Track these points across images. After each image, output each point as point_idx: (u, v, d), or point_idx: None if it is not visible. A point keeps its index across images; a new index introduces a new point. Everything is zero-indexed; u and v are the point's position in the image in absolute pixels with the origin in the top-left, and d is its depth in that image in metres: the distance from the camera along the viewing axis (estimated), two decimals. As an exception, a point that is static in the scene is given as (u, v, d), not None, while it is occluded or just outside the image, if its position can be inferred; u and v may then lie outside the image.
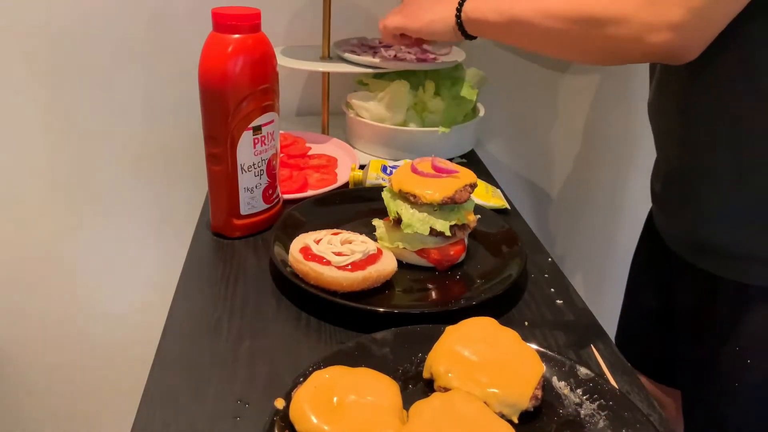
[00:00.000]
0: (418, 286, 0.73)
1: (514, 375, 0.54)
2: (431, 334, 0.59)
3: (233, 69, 0.73)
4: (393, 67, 1.03)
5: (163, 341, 0.64)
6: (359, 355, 0.58)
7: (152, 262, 1.37)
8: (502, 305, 0.70)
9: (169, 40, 1.17)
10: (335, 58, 1.08)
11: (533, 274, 0.77)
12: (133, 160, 1.27)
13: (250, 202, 0.81)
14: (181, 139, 1.24)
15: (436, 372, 0.55)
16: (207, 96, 0.75)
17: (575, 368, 0.58)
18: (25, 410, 1.50)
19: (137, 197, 1.30)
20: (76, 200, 1.29)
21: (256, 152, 0.78)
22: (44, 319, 1.40)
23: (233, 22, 0.72)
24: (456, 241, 0.75)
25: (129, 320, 1.42)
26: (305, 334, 0.65)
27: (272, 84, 0.77)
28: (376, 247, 0.72)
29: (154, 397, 0.56)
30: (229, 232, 0.82)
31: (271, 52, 0.77)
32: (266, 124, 0.78)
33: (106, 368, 1.47)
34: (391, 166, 0.95)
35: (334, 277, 0.67)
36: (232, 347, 0.62)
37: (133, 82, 1.20)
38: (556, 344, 0.65)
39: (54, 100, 1.19)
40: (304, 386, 0.51)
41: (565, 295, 0.74)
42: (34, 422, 1.52)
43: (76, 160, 1.25)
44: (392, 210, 0.75)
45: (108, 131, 1.24)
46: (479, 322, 0.59)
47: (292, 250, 0.71)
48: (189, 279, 0.75)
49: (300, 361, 0.60)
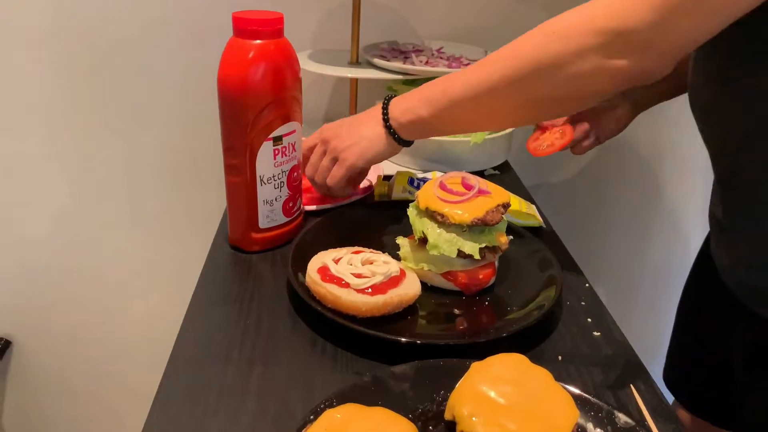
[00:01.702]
0: (443, 312, 0.68)
1: (545, 422, 0.49)
2: (455, 370, 0.54)
3: (253, 76, 0.69)
4: (424, 73, 0.99)
5: (171, 363, 0.60)
6: (376, 391, 0.53)
7: (171, 269, 1.36)
8: (535, 336, 0.65)
9: (197, 44, 1.15)
10: (364, 63, 1.04)
11: (568, 301, 0.72)
12: (158, 166, 1.25)
13: (269, 215, 0.77)
14: (205, 146, 1.22)
15: (459, 414, 0.50)
16: (226, 104, 0.71)
17: (613, 414, 0.53)
18: (43, 408, 1.50)
19: (160, 202, 1.29)
20: (100, 203, 1.28)
21: (277, 163, 0.74)
22: (64, 319, 1.40)
23: (254, 27, 0.68)
24: (485, 264, 0.70)
25: (145, 324, 1.41)
26: (320, 361, 0.61)
27: (294, 92, 0.73)
28: (399, 268, 0.68)
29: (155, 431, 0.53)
30: (247, 246, 0.78)
31: (294, 59, 0.73)
32: (287, 134, 0.74)
33: (123, 372, 1.47)
34: (418, 178, 0.90)
35: (352, 302, 0.62)
36: (243, 374, 0.59)
37: (162, 86, 1.18)
38: (592, 383, 0.60)
39: (80, 102, 1.18)
40: (314, 427, 0.47)
41: (603, 326, 0.68)
42: (51, 421, 1.52)
43: (99, 163, 1.24)
44: (418, 229, 0.70)
45: (134, 135, 1.22)
46: (508, 360, 0.54)
47: (310, 270, 0.66)
48: (203, 294, 0.71)
49: (313, 393, 0.56)
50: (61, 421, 1.52)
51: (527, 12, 1.20)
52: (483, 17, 1.19)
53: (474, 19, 1.19)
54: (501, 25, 1.20)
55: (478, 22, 1.19)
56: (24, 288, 1.35)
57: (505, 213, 0.69)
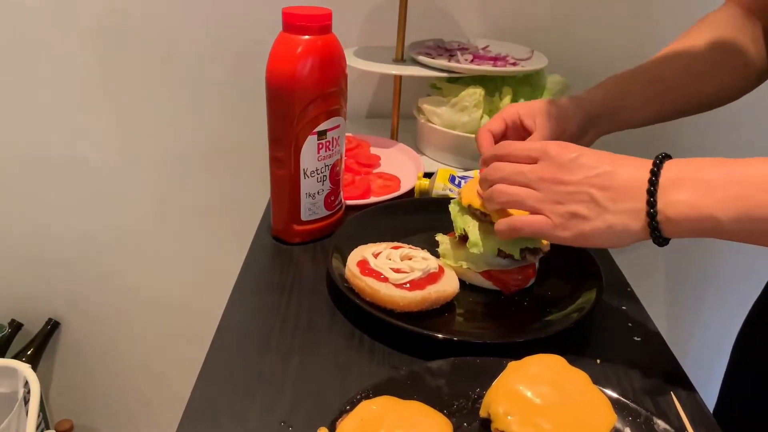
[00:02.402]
0: (480, 311, 0.68)
1: (582, 424, 0.49)
2: (492, 368, 0.55)
3: (301, 71, 0.70)
4: (468, 71, 0.98)
5: (213, 348, 0.62)
6: (412, 385, 0.54)
7: (215, 258, 1.39)
8: (573, 338, 0.64)
9: (246, 39, 1.17)
10: (409, 61, 1.04)
11: (609, 304, 0.71)
12: (205, 158, 1.28)
13: (311, 208, 0.78)
14: (251, 139, 1.24)
15: (495, 412, 0.50)
16: (273, 97, 0.73)
17: (652, 420, 0.52)
18: (90, 387, 1.56)
19: (206, 193, 1.32)
20: (147, 194, 1.32)
21: (320, 157, 0.75)
22: (112, 303, 1.45)
23: (303, 23, 0.69)
24: (525, 265, 0.70)
25: (188, 311, 1.45)
26: (357, 353, 0.62)
27: (340, 87, 0.74)
28: (437, 265, 0.68)
29: (196, 410, 0.54)
30: (289, 238, 0.80)
31: (341, 55, 0.74)
32: (332, 129, 0.75)
33: (167, 355, 1.51)
34: (460, 176, 0.90)
35: (390, 296, 0.63)
36: (281, 362, 0.60)
37: (211, 79, 1.21)
38: (631, 389, 0.59)
39: (129, 94, 1.22)
40: (350, 417, 0.48)
41: (644, 332, 0.67)
42: (98, 400, 1.58)
43: (146, 149, 1.27)
44: (458, 226, 0.70)
45: (181, 125, 1.25)
46: (546, 360, 0.53)
47: (349, 263, 0.67)
48: (245, 282, 0.73)
49: (349, 384, 0.57)
50: (106, 400, 1.58)
51: (573, 11, 1.18)
52: (529, 16, 1.18)
53: (520, 18, 1.18)
54: (547, 24, 1.18)
55: (525, 21, 1.18)
56: (72, 272, 1.40)
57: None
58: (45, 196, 1.31)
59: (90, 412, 1.59)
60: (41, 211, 1.33)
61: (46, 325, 1.44)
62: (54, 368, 1.52)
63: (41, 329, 1.44)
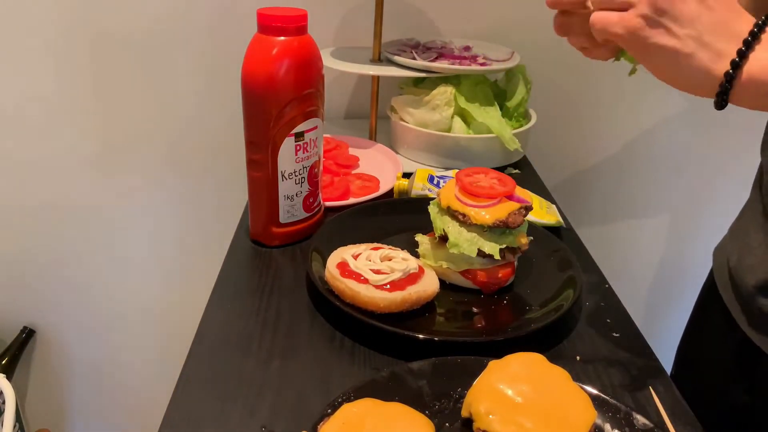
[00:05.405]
0: (461, 310, 0.68)
1: (562, 421, 0.49)
2: (473, 367, 0.55)
3: (277, 72, 0.69)
4: (446, 71, 0.99)
5: (192, 353, 0.61)
6: (393, 387, 0.54)
7: (192, 262, 1.37)
8: (553, 336, 0.65)
9: (220, 40, 1.16)
10: (386, 61, 1.04)
11: (588, 301, 0.72)
12: (181, 161, 1.27)
13: (290, 211, 0.78)
14: (228, 142, 1.23)
15: (476, 412, 0.50)
16: (249, 100, 0.72)
17: (631, 416, 0.52)
18: (65, 397, 1.53)
19: (183, 196, 1.31)
20: (121, 198, 1.30)
21: (298, 159, 0.75)
22: (87, 310, 1.43)
23: (279, 24, 0.69)
24: (505, 263, 0.70)
25: (167, 315, 1.44)
26: (338, 356, 0.62)
27: (317, 89, 0.74)
28: (417, 266, 0.68)
29: (176, 416, 0.54)
30: (268, 241, 0.79)
31: (318, 56, 0.73)
32: (309, 130, 0.74)
33: (145, 361, 1.49)
34: (438, 176, 0.90)
35: (371, 297, 0.63)
36: (261, 366, 0.59)
37: (186, 82, 1.20)
38: (610, 384, 0.59)
39: (100, 97, 1.20)
40: (331, 421, 0.47)
41: (623, 328, 0.68)
42: (74, 409, 1.55)
43: (123, 152, 1.26)
44: (438, 227, 0.70)
45: (158, 128, 1.24)
46: (526, 359, 0.54)
47: (329, 265, 0.67)
48: (224, 286, 0.72)
49: (330, 387, 0.57)
50: (84, 408, 1.55)
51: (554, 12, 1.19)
52: (509, 16, 1.19)
53: (500, 18, 1.19)
54: (527, 25, 1.19)
55: (504, 22, 1.18)
56: (47, 279, 1.38)
57: (526, 215, 0.69)
58: (18, 203, 1.28)
59: (67, 421, 1.56)
60: (14, 218, 1.30)
61: (21, 334, 1.41)
62: (30, 377, 1.49)
63: (16, 337, 1.41)
